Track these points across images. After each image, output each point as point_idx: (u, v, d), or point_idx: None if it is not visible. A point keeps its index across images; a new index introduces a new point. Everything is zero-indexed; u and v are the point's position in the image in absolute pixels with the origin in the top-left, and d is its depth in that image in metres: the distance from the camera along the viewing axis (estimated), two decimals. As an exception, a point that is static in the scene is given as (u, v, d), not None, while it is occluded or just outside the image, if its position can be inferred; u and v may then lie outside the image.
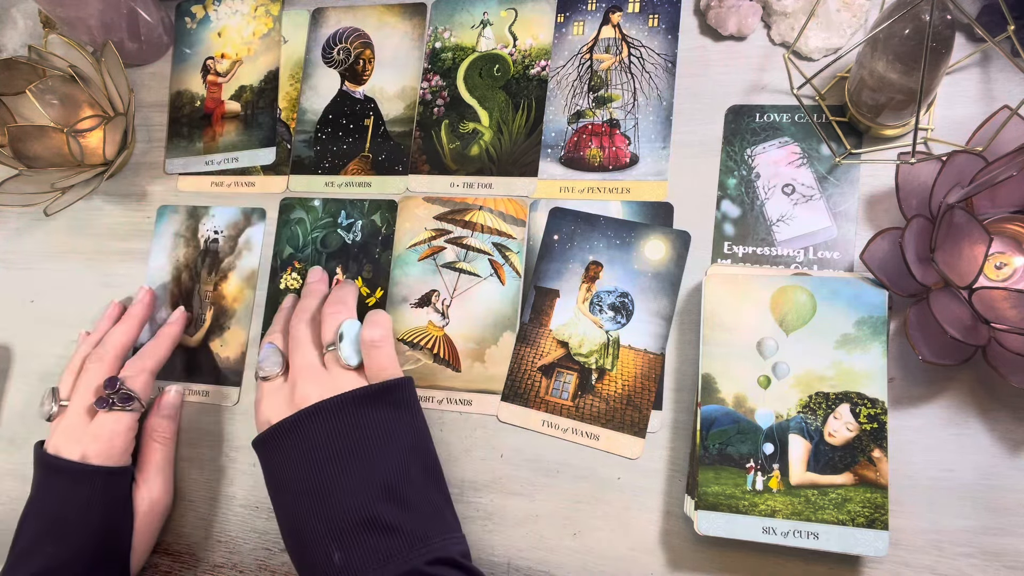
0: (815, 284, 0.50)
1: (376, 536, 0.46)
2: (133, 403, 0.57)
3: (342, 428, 0.49)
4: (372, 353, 0.53)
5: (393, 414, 0.51)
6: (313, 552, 0.47)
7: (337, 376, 0.52)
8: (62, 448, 0.56)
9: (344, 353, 0.53)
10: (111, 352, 0.59)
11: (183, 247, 0.67)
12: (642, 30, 0.61)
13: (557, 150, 0.60)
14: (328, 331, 0.54)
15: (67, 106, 0.67)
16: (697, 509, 0.48)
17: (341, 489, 0.48)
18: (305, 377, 0.52)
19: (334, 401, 0.50)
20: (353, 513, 0.47)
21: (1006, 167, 0.45)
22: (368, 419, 0.50)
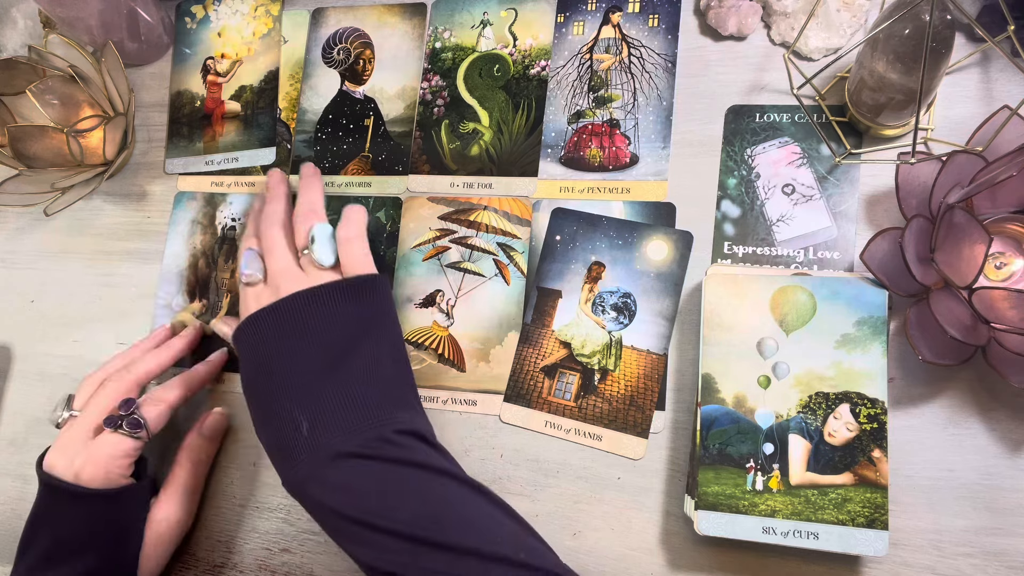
0: (815, 284, 0.50)
1: (345, 408, 0.48)
2: (141, 431, 0.55)
3: (317, 317, 0.51)
4: (345, 248, 0.55)
5: (366, 307, 0.53)
6: (283, 428, 0.48)
7: (315, 276, 0.54)
8: (56, 465, 0.54)
9: (317, 254, 0.54)
10: (134, 376, 0.58)
11: (200, 234, 0.67)
12: (642, 30, 0.61)
13: (557, 150, 0.60)
14: (300, 236, 0.55)
15: (67, 106, 0.67)
16: (697, 509, 0.48)
17: (313, 370, 0.49)
18: (285, 278, 0.54)
19: (310, 291, 0.52)
20: (323, 391, 0.49)
21: (1006, 167, 0.45)
22: (342, 310, 0.52)
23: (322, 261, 0.54)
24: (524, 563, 0.43)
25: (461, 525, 0.45)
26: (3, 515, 0.66)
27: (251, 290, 0.55)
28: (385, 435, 0.47)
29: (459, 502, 0.46)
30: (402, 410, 0.50)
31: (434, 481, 0.47)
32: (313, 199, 0.57)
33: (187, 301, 0.66)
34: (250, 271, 0.55)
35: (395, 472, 0.46)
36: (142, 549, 0.55)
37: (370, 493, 0.46)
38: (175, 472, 0.58)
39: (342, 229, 0.55)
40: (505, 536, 0.45)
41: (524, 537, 0.46)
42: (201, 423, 0.60)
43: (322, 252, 0.54)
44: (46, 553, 0.53)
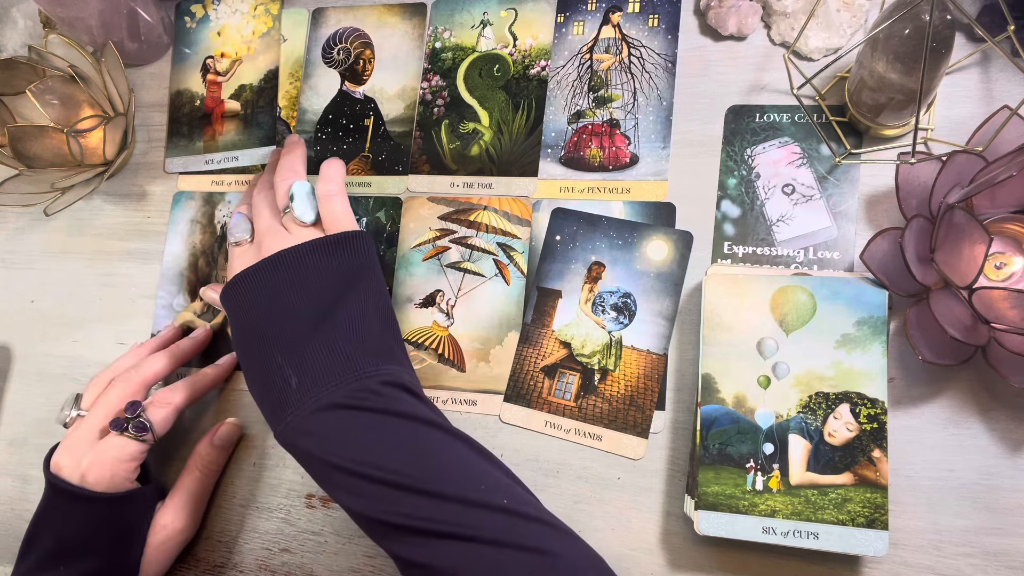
0: (815, 284, 0.50)
1: (332, 361, 0.48)
2: (146, 434, 0.55)
3: (301, 273, 0.51)
4: (325, 204, 0.54)
5: (348, 261, 0.53)
6: (273, 382, 0.49)
7: (297, 233, 0.54)
8: (64, 466, 0.54)
9: (298, 212, 0.54)
10: (140, 378, 0.57)
11: (199, 233, 0.67)
12: (642, 30, 0.61)
13: (557, 150, 0.60)
14: (281, 195, 0.55)
15: (67, 106, 0.67)
16: (697, 509, 0.48)
17: (299, 325, 0.50)
18: (269, 237, 0.54)
19: (292, 250, 0.52)
20: (309, 344, 0.49)
21: (1006, 167, 0.45)
22: (325, 264, 0.52)
23: (302, 218, 0.54)
24: (505, 508, 0.44)
25: (444, 472, 0.45)
26: (3, 515, 0.66)
27: (237, 250, 0.55)
28: (371, 386, 0.47)
29: (443, 451, 0.47)
30: (388, 362, 0.50)
31: (419, 430, 0.47)
32: (293, 161, 0.57)
33: (187, 300, 0.66)
34: (237, 233, 0.56)
35: (380, 421, 0.47)
36: (144, 554, 0.55)
37: (356, 442, 0.46)
38: (183, 479, 0.58)
39: (321, 185, 0.55)
40: (488, 483, 0.45)
41: (507, 484, 0.47)
42: (213, 432, 0.59)
43: (302, 209, 0.54)
44: (49, 553, 0.53)
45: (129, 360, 0.60)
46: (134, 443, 0.54)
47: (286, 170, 0.57)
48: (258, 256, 0.53)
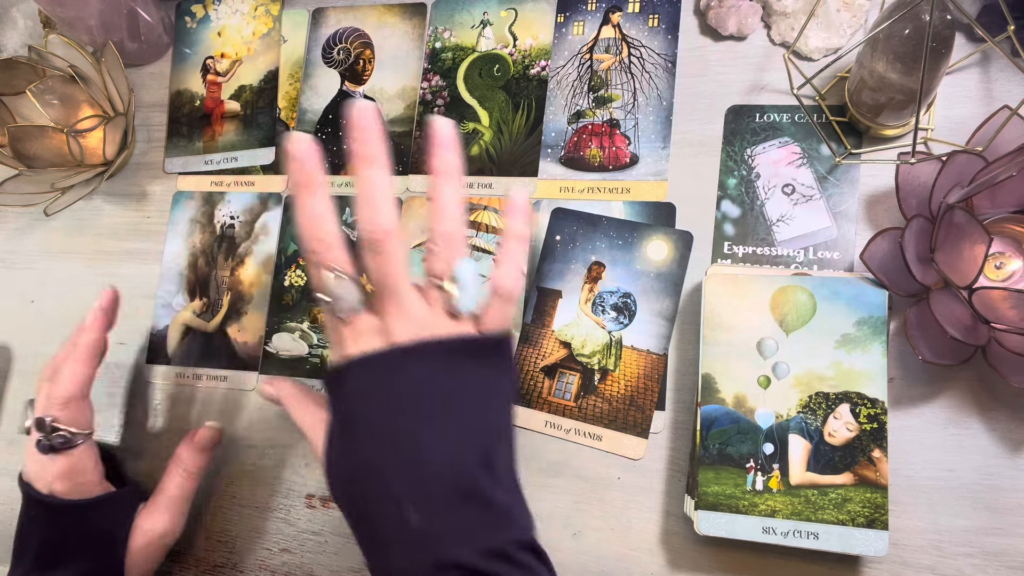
0: (815, 284, 0.50)
1: (464, 505, 0.39)
2: (75, 439, 0.52)
3: (445, 375, 0.41)
4: (500, 306, 0.43)
5: (496, 372, 0.43)
6: (382, 508, 0.39)
7: (440, 320, 0.42)
8: (32, 476, 0.53)
9: (461, 301, 0.42)
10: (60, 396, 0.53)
11: (199, 233, 0.67)
12: (642, 30, 0.61)
13: (557, 150, 0.60)
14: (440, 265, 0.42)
15: (67, 106, 0.67)
16: (697, 509, 0.48)
17: (432, 444, 0.39)
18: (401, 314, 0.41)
19: (438, 343, 0.41)
20: (441, 473, 0.39)
21: (1006, 167, 0.45)
22: (474, 373, 0.41)
23: (462, 309, 0.42)
24: None
25: None
26: (3, 515, 0.66)
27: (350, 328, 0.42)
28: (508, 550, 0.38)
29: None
30: (519, 506, 0.41)
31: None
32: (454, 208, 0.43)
33: (187, 300, 0.66)
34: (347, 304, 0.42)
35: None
36: (127, 556, 0.54)
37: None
38: (164, 482, 0.57)
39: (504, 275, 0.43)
40: None
41: None
42: (192, 435, 0.58)
43: (467, 299, 0.42)
44: (36, 556, 0.52)
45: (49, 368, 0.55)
46: (74, 453, 0.53)
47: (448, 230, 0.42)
48: (386, 337, 0.41)
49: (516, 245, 0.44)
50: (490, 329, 0.43)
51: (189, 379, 0.64)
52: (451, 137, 0.43)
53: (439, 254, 0.42)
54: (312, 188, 0.42)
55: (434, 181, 0.43)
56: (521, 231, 0.44)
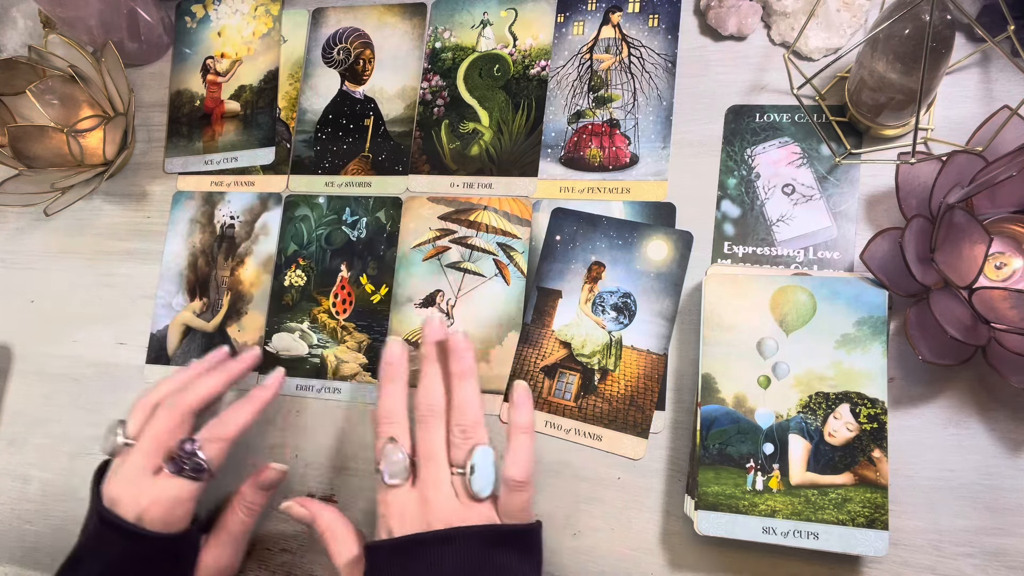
0: (815, 284, 0.50)
1: None
2: (204, 474, 0.52)
3: (471, 562, 0.46)
4: (514, 495, 0.49)
5: (520, 560, 0.48)
6: None
7: (469, 505, 0.49)
8: (119, 502, 0.52)
9: (476, 486, 0.48)
10: (187, 404, 0.54)
11: (199, 233, 0.67)
12: (642, 30, 0.61)
13: (557, 150, 0.60)
14: (460, 453, 0.50)
15: (67, 106, 0.67)
16: (697, 509, 0.48)
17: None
18: (437, 497, 0.49)
19: (468, 532, 0.47)
20: None
21: (1006, 167, 0.45)
22: (497, 560, 0.47)
23: (481, 494, 0.48)
24: None
25: None
26: (3, 515, 0.66)
27: (393, 492, 0.49)
28: None
29: None
30: None
31: None
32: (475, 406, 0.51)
33: (187, 300, 0.66)
34: (395, 471, 0.50)
35: None
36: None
37: None
38: (227, 518, 0.56)
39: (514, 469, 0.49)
40: None
41: None
42: (257, 475, 0.57)
43: (481, 483, 0.48)
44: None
45: (174, 383, 0.57)
46: (193, 484, 0.52)
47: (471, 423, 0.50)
48: (425, 515, 0.48)
49: (523, 437, 0.50)
50: (511, 515, 0.49)
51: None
52: (465, 344, 0.52)
53: (459, 446, 0.50)
54: (397, 382, 0.53)
55: (454, 384, 0.51)
56: (526, 424, 0.51)
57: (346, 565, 0.51)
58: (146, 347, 0.66)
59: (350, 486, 0.59)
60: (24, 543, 0.65)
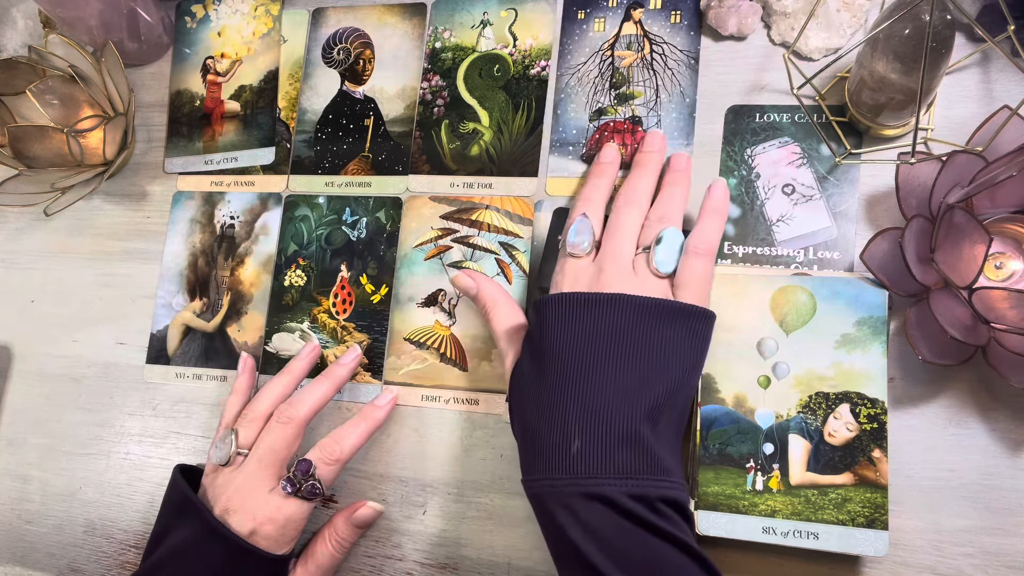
0: (815, 284, 0.50)
1: (625, 447, 0.43)
2: (318, 497, 0.53)
3: (637, 330, 0.46)
4: (693, 262, 0.48)
5: (687, 342, 0.47)
6: (551, 430, 0.45)
7: (645, 279, 0.48)
8: (233, 514, 0.51)
9: (658, 257, 0.48)
10: (302, 417, 0.55)
11: (199, 233, 0.67)
12: (664, 26, 0.61)
13: (579, 147, 0.60)
14: (650, 233, 0.50)
15: (67, 106, 0.67)
16: (697, 509, 0.48)
17: (611, 388, 0.44)
18: (614, 268, 0.48)
19: (640, 301, 0.46)
20: (612, 415, 0.44)
21: (1006, 167, 0.45)
22: (664, 334, 0.46)
23: (660, 267, 0.48)
24: None
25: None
26: (3, 515, 0.66)
27: (572, 261, 0.50)
28: (653, 497, 0.42)
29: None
30: (674, 471, 0.45)
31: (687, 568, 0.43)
32: (678, 203, 0.52)
33: (187, 300, 0.66)
34: (577, 241, 0.50)
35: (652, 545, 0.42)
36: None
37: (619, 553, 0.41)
38: (317, 547, 0.55)
39: (697, 236, 0.49)
40: None
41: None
42: (352, 510, 0.56)
43: (664, 258, 0.48)
44: None
45: (280, 390, 0.57)
46: (307, 505, 0.53)
47: (664, 212, 0.51)
48: (597, 282, 0.48)
49: (715, 216, 0.51)
50: (688, 289, 0.48)
51: (189, 379, 0.64)
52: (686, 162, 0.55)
53: (652, 226, 0.50)
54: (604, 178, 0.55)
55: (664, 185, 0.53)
56: (722, 208, 0.51)
57: (505, 332, 0.52)
58: (146, 347, 0.66)
59: (350, 487, 0.59)
60: (24, 543, 0.65)
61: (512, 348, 0.51)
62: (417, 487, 0.57)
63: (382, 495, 0.58)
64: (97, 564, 0.63)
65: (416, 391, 0.59)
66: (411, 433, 0.59)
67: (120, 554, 0.63)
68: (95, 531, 0.64)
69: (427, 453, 0.58)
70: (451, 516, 0.56)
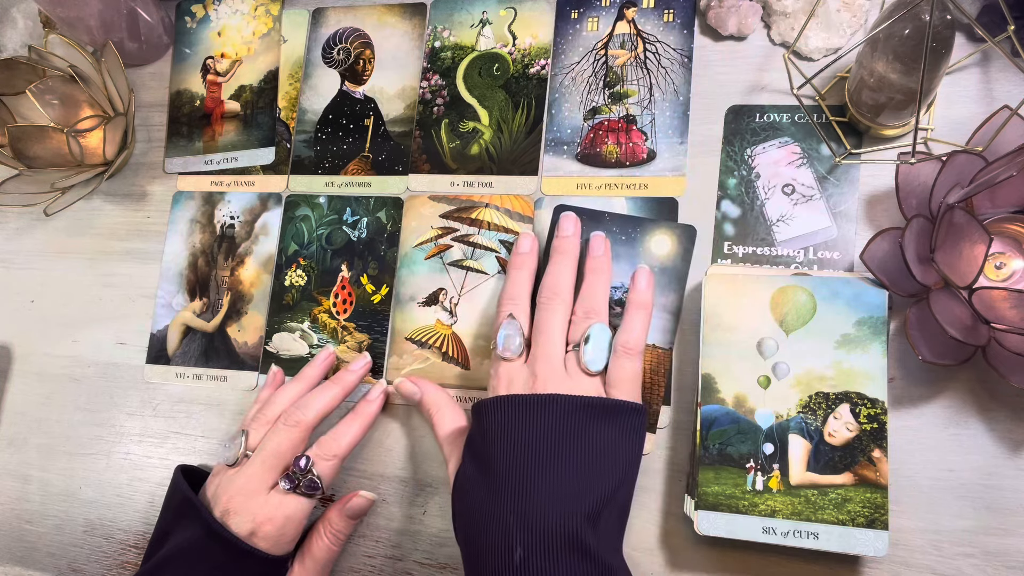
0: (815, 284, 0.50)
1: (567, 553, 0.43)
2: (317, 492, 0.53)
3: (575, 429, 0.46)
4: (623, 362, 0.50)
5: (624, 438, 0.48)
6: (492, 539, 0.44)
7: (577, 378, 0.49)
8: (233, 515, 0.51)
9: (587, 357, 0.49)
10: (309, 421, 0.54)
11: (199, 233, 0.67)
12: (657, 25, 0.61)
13: (573, 147, 0.60)
14: (577, 333, 0.51)
15: (67, 106, 0.67)
16: (697, 509, 0.48)
17: (551, 492, 0.45)
18: (546, 369, 0.49)
19: (575, 400, 0.47)
20: (553, 521, 0.44)
21: (1006, 167, 0.45)
22: (601, 432, 0.47)
23: (591, 366, 0.49)
24: None
25: None
26: (3, 515, 0.66)
27: (505, 364, 0.51)
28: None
29: None
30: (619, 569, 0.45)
31: None
32: (600, 294, 0.52)
33: (187, 300, 0.66)
34: (508, 345, 0.51)
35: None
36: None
37: None
38: (313, 543, 0.55)
39: (624, 335, 0.50)
40: None
41: None
42: (345, 502, 0.56)
43: (594, 356, 0.50)
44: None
45: (290, 395, 0.57)
46: (307, 502, 0.53)
47: (591, 307, 0.52)
48: (532, 384, 0.49)
49: (640, 312, 0.52)
50: (619, 387, 0.49)
51: (189, 379, 0.64)
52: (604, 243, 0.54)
53: (579, 324, 0.51)
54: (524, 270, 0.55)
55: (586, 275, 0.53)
56: (644, 301, 0.52)
57: (447, 436, 0.53)
58: (146, 347, 0.66)
59: (350, 486, 0.59)
60: (24, 543, 0.65)
61: (455, 453, 0.51)
62: (417, 487, 0.57)
63: (382, 495, 0.58)
64: (97, 564, 0.63)
65: (416, 391, 0.59)
66: (411, 433, 0.59)
67: (120, 554, 0.63)
68: (95, 531, 0.64)
69: (427, 453, 0.58)
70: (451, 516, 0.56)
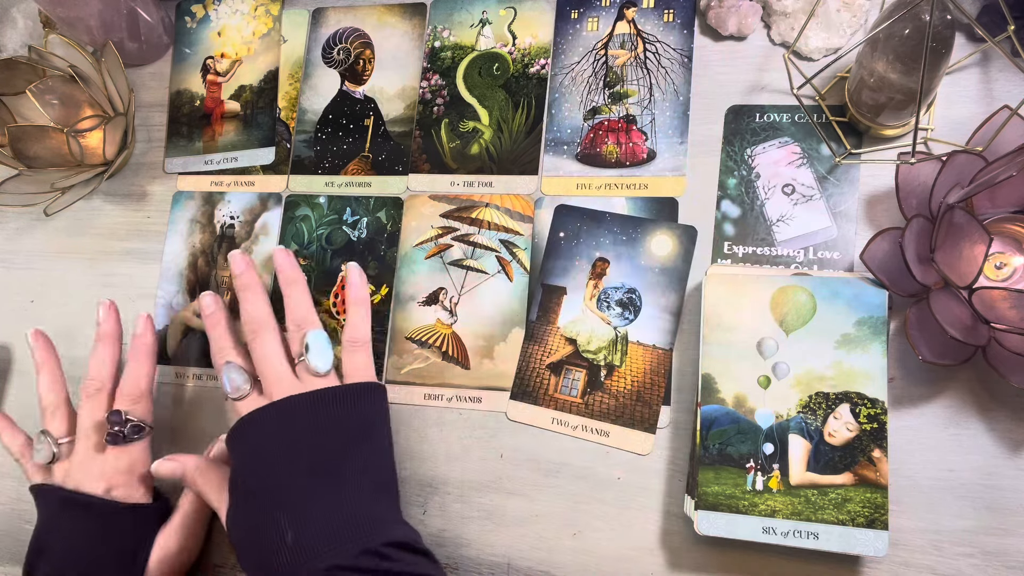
0: (815, 284, 0.50)
1: (335, 520, 0.47)
2: (144, 431, 0.56)
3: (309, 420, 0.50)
4: (353, 356, 0.54)
5: (360, 415, 0.52)
6: (266, 535, 0.47)
7: (310, 383, 0.53)
8: (83, 483, 0.54)
9: (313, 363, 0.53)
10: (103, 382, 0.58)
11: (199, 233, 0.67)
12: (657, 25, 0.61)
13: (573, 147, 0.60)
14: (295, 343, 0.54)
15: (67, 106, 0.67)
16: (697, 509, 0.48)
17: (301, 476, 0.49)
18: (281, 388, 0.52)
19: (303, 398, 0.51)
20: (311, 498, 0.48)
21: (1006, 167, 0.45)
22: (334, 414, 0.51)
23: (318, 369, 0.53)
24: None
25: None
26: (3, 515, 0.66)
27: (244, 403, 0.53)
28: (375, 547, 0.46)
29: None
30: (390, 520, 0.50)
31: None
32: (302, 303, 0.56)
33: (187, 300, 0.66)
34: (235, 386, 0.53)
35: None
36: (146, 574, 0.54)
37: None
38: (182, 499, 0.57)
39: (348, 332, 0.55)
40: None
41: None
42: (208, 452, 0.58)
43: (319, 360, 0.53)
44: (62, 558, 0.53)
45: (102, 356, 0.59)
46: (140, 445, 0.56)
47: (299, 317, 0.55)
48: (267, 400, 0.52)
49: (358, 308, 0.56)
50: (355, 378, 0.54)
51: (189, 379, 0.64)
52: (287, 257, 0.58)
53: (294, 337, 0.55)
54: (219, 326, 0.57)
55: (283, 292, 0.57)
56: (361, 298, 0.57)
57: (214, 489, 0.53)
58: (146, 347, 0.66)
59: (350, 486, 0.59)
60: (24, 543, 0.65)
61: (223, 500, 0.52)
62: (417, 487, 0.57)
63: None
64: (97, 564, 0.63)
65: (418, 390, 0.59)
66: (411, 433, 0.59)
67: (120, 554, 0.63)
68: (95, 531, 0.64)
69: (427, 453, 0.58)
70: (451, 516, 0.56)
